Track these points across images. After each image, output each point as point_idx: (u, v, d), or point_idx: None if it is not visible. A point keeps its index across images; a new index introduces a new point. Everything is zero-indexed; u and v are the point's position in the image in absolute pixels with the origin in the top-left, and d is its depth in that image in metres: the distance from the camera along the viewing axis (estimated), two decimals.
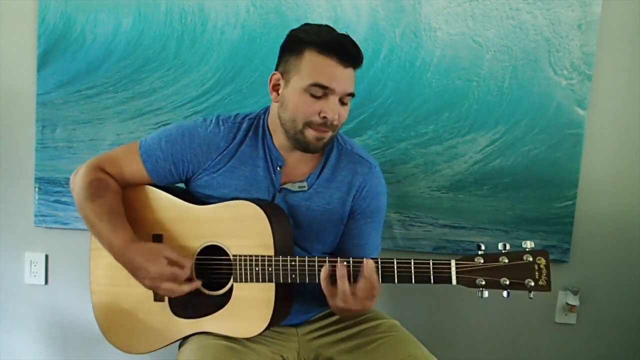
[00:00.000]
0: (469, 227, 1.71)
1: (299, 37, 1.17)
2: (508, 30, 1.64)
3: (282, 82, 1.20)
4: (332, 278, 1.11)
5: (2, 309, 1.87)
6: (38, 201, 1.78)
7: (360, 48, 1.18)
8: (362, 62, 1.18)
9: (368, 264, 1.08)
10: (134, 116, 1.74)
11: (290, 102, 1.18)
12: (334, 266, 1.10)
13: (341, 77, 1.15)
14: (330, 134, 1.20)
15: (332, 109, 1.15)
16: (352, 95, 1.19)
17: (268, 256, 1.16)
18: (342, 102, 1.18)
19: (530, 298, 1.05)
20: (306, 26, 1.20)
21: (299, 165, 1.27)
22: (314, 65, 1.14)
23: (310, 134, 1.17)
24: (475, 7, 1.64)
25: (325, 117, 1.15)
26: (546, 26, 1.63)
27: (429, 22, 1.65)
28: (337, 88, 1.15)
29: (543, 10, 1.63)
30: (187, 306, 1.22)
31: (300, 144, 1.20)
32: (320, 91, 1.14)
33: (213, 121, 1.27)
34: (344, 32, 1.18)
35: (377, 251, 1.34)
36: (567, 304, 1.73)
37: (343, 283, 1.08)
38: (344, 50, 1.14)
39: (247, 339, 1.21)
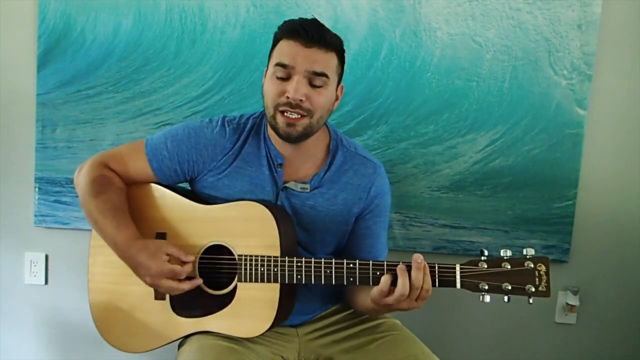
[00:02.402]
0: (469, 227, 1.71)
1: (275, 33, 1.21)
2: (508, 30, 1.64)
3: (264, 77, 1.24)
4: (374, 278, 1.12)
5: (2, 309, 1.87)
6: (38, 201, 1.78)
7: (328, 29, 1.18)
8: (329, 41, 1.17)
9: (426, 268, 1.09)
10: (134, 116, 1.74)
11: (264, 89, 1.21)
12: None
13: (301, 55, 1.15)
14: (305, 121, 1.17)
15: (294, 87, 1.15)
16: (323, 75, 1.16)
17: (274, 257, 1.16)
18: (314, 85, 1.17)
19: (530, 303, 1.08)
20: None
21: (302, 164, 1.27)
22: (279, 50, 1.18)
23: (280, 119, 1.17)
24: (475, 7, 1.64)
25: (288, 97, 1.15)
26: (546, 26, 1.63)
27: (429, 22, 1.65)
28: (297, 65, 1.15)
29: (543, 10, 1.63)
30: (190, 305, 1.22)
31: (276, 131, 1.20)
32: (283, 72, 1.16)
33: (219, 122, 1.28)
34: (312, 17, 1.20)
35: (385, 252, 1.34)
36: (567, 304, 1.73)
37: (405, 281, 1.07)
38: (303, 30, 1.15)
39: (248, 340, 1.21)
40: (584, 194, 1.69)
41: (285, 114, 1.16)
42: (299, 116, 1.16)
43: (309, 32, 1.15)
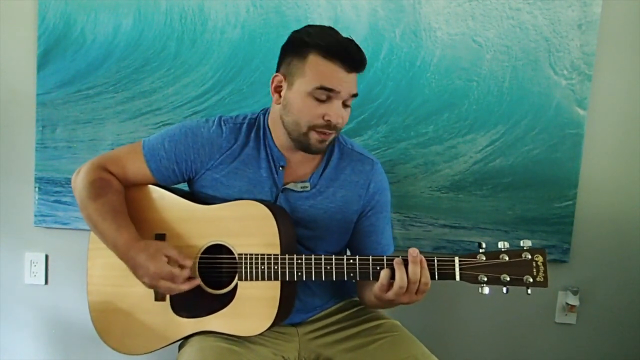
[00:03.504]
0: (469, 227, 1.71)
1: (302, 40, 1.17)
2: (508, 30, 1.64)
3: (284, 84, 1.19)
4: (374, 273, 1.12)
5: (2, 309, 1.87)
6: (38, 201, 1.78)
7: (364, 52, 1.18)
8: (365, 66, 1.18)
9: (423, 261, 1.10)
10: (134, 116, 1.74)
11: (294, 105, 1.18)
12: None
13: (346, 81, 1.15)
14: (333, 135, 1.21)
15: (336, 112, 1.16)
16: (355, 95, 1.20)
17: (274, 255, 1.16)
18: (345, 105, 1.19)
19: (528, 294, 1.08)
20: (309, 28, 1.19)
21: (301, 165, 1.28)
22: (318, 69, 1.15)
23: (314, 137, 1.18)
24: (475, 7, 1.64)
25: (329, 120, 1.16)
26: (546, 26, 1.63)
27: (429, 22, 1.65)
28: (343, 91, 1.15)
29: (543, 10, 1.63)
30: (190, 305, 1.22)
31: (302, 146, 1.21)
32: (324, 95, 1.15)
33: (215, 122, 1.28)
34: (348, 37, 1.18)
35: (392, 247, 1.35)
36: (567, 304, 1.73)
37: (402, 274, 1.08)
38: (348, 55, 1.14)
39: (248, 340, 1.21)
40: (584, 194, 1.69)
41: (322, 134, 1.18)
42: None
43: (353, 57, 1.15)
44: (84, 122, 1.75)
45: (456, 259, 1.10)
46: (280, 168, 1.26)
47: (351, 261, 1.13)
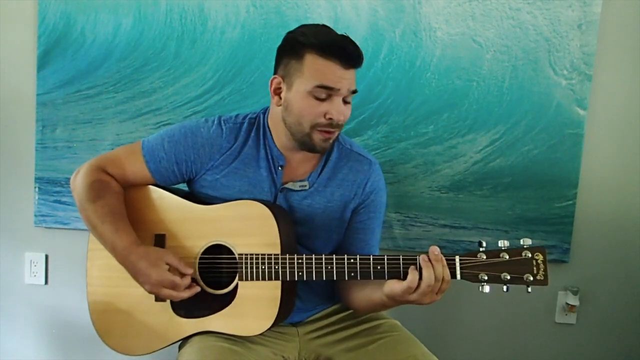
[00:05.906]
0: (469, 227, 1.71)
1: (297, 40, 1.17)
2: (508, 30, 1.64)
3: (283, 86, 1.20)
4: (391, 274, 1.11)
5: (2, 309, 1.87)
6: (38, 201, 1.78)
7: (360, 48, 1.18)
8: (362, 61, 1.19)
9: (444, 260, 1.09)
10: (134, 116, 1.74)
11: (295, 106, 1.18)
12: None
13: (344, 78, 1.16)
14: (337, 133, 1.22)
15: (338, 110, 1.17)
16: (355, 92, 1.20)
17: (275, 254, 1.16)
18: (345, 101, 1.19)
19: (529, 292, 1.08)
20: (303, 28, 1.20)
21: (300, 164, 1.28)
22: (316, 68, 1.15)
23: (317, 136, 1.19)
24: (475, 7, 1.64)
25: (331, 119, 1.17)
26: (546, 26, 1.63)
27: (429, 22, 1.65)
28: (342, 89, 1.16)
29: (543, 10, 1.63)
30: (190, 306, 1.22)
31: (307, 146, 1.21)
32: (324, 93, 1.15)
33: (215, 122, 1.27)
34: (343, 33, 1.18)
35: (377, 250, 1.34)
36: (567, 304, 1.73)
37: (430, 272, 1.07)
38: (344, 51, 1.14)
39: (249, 340, 1.21)
40: (584, 194, 1.69)
41: (326, 132, 1.18)
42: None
43: (350, 53, 1.15)
44: (84, 122, 1.75)
45: (457, 258, 1.10)
46: (280, 168, 1.26)
47: (352, 261, 1.13)
